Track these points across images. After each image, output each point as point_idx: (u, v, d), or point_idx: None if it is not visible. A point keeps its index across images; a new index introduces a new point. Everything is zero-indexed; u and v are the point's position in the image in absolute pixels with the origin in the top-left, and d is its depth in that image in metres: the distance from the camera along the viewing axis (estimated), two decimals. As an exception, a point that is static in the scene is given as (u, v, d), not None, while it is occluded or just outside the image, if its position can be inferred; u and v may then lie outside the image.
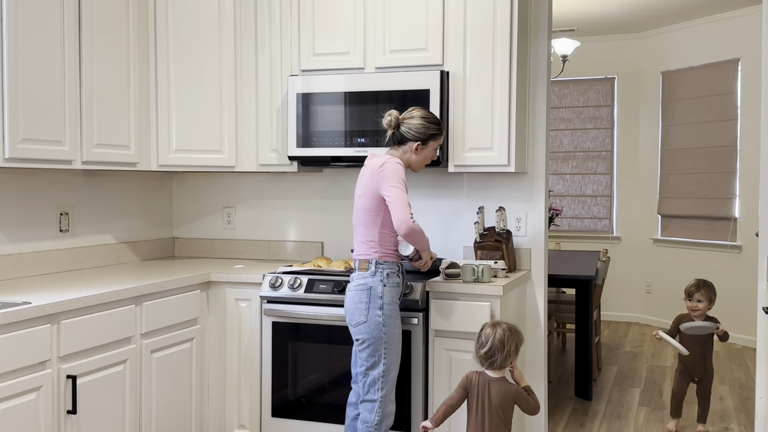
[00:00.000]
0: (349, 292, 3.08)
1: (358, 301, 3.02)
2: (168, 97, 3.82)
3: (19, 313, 2.56)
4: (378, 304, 3.00)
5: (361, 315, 3.01)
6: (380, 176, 2.97)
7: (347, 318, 3.07)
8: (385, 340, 3.01)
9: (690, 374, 4.19)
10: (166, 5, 3.80)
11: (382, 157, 3.06)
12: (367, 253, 3.05)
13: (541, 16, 3.78)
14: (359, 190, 3.08)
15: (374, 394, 3.02)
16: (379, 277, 3.02)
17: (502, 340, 2.94)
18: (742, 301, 6.80)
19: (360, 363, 3.05)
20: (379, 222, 3.04)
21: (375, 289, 3.01)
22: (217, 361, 3.67)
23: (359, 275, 3.06)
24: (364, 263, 3.05)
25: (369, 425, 3.02)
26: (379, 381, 3.02)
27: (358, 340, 3.03)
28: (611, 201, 8.05)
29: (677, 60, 7.45)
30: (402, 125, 3.08)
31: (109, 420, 3.01)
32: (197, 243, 4.40)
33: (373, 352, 3.01)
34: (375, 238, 3.04)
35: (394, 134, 3.11)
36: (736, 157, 6.87)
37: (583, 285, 4.99)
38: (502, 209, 3.65)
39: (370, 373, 3.02)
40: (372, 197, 3.02)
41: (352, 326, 3.05)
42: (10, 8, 2.94)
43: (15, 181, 3.40)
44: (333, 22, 3.71)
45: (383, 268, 3.03)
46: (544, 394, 3.85)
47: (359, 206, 3.07)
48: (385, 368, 3.02)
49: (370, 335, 3.00)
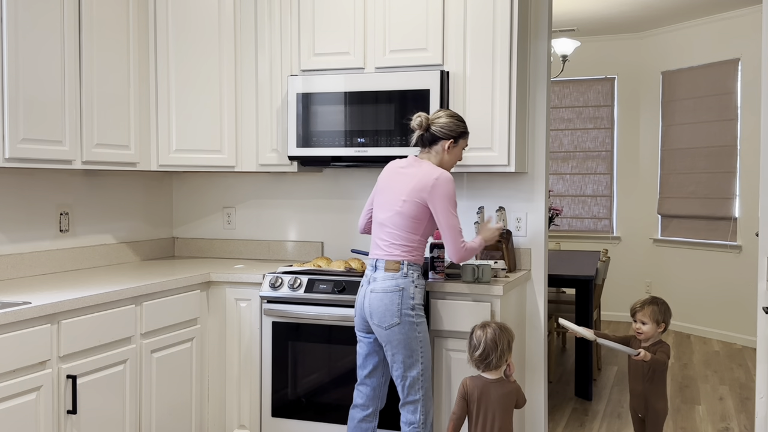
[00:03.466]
0: (374, 294, 3.01)
1: (390, 303, 2.98)
2: (168, 97, 3.82)
3: (19, 313, 2.56)
4: (410, 305, 3.00)
5: (393, 317, 2.98)
6: (434, 192, 2.98)
7: (374, 320, 3.01)
8: (420, 339, 3.02)
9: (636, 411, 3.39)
10: (166, 5, 3.80)
11: (428, 165, 3.04)
12: (400, 255, 3.02)
13: (541, 16, 3.78)
14: (402, 194, 3.02)
15: (415, 395, 3.02)
16: (410, 278, 3.02)
17: (494, 339, 2.93)
18: (742, 301, 6.80)
19: (396, 367, 3.01)
20: (420, 230, 3.04)
21: (407, 290, 3.00)
22: (217, 361, 3.67)
23: (387, 276, 3.01)
24: (394, 264, 3.01)
25: (416, 426, 3.02)
26: (419, 381, 3.02)
27: (392, 342, 2.99)
28: (611, 201, 8.05)
29: (677, 60, 7.45)
30: (432, 126, 3.08)
31: (109, 420, 3.01)
32: (197, 243, 4.40)
33: (410, 353, 3.00)
34: (413, 244, 3.04)
35: (422, 136, 3.10)
36: (736, 157, 6.87)
37: (583, 285, 4.99)
38: (502, 209, 3.65)
39: (408, 375, 3.01)
40: (419, 207, 3.01)
41: (383, 328, 2.99)
42: (10, 8, 2.94)
43: (15, 181, 3.40)
44: (333, 22, 3.71)
45: (413, 270, 3.03)
46: (544, 394, 3.85)
47: (401, 210, 3.02)
48: (423, 367, 3.03)
49: (406, 336, 2.99)
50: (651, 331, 3.29)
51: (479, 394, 2.94)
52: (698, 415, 4.66)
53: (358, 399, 3.17)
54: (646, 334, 3.30)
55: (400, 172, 3.10)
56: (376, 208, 3.14)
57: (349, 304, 3.39)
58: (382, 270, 3.03)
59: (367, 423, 3.15)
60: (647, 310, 3.29)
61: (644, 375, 3.30)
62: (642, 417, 3.36)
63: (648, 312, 3.28)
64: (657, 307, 3.29)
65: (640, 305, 3.32)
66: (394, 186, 3.08)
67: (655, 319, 3.28)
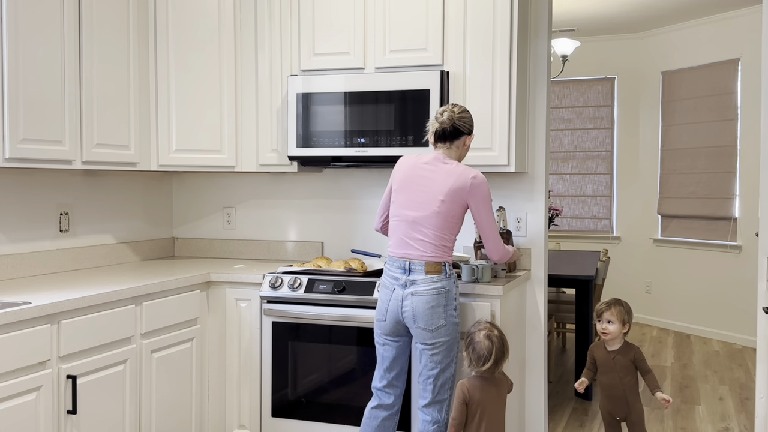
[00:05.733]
0: (417, 297, 2.96)
1: (436, 305, 2.96)
2: (168, 97, 3.82)
3: (19, 313, 2.56)
4: (453, 306, 3.01)
5: (440, 319, 2.97)
6: (474, 192, 2.99)
7: (419, 323, 2.97)
8: (458, 339, 3.05)
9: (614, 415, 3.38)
10: (166, 5, 3.80)
11: (457, 164, 3.03)
12: (440, 256, 3.00)
13: (541, 16, 3.78)
14: (440, 194, 2.98)
15: (444, 394, 3.04)
16: (452, 279, 3.03)
17: (501, 340, 2.96)
18: (742, 301, 6.80)
19: (431, 366, 3.00)
20: (457, 229, 3.05)
21: (451, 292, 3.01)
22: (217, 361, 3.67)
23: (431, 278, 2.97)
24: (436, 266, 2.98)
25: (440, 425, 3.03)
26: (450, 380, 3.04)
27: (436, 343, 2.98)
28: (611, 201, 8.05)
29: (677, 60, 7.45)
30: (456, 120, 3.05)
31: (109, 420, 3.01)
32: (197, 243, 4.40)
33: (449, 353, 3.01)
34: (450, 243, 3.03)
35: (445, 131, 3.05)
36: (736, 157, 6.87)
37: (583, 285, 4.99)
38: (502, 209, 3.65)
39: (442, 375, 3.01)
40: (459, 206, 3.01)
41: (429, 331, 2.96)
42: (10, 8, 2.94)
43: (15, 181, 3.40)
44: (333, 22, 3.71)
45: (452, 271, 3.05)
46: (544, 394, 3.85)
47: (440, 210, 2.98)
48: (455, 367, 3.05)
49: (451, 337, 3.00)
50: (617, 331, 3.33)
51: (481, 395, 2.95)
52: (698, 415, 4.66)
53: (386, 399, 3.15)
54: (612, 334, 3.33)
55: (428, 169, 3.04)
56: (403, 207, 3.06)
57: (350, 304, 3.39)
58: (422, 272, 2.98)
59: (391, 421, 3.17)
60: (614, 310, 3.34)
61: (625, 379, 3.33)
62: (620, 419, 3.38)
63: (615, 312, 3.33)
64: (623, 307, 3.36)
65: (606, 305, 3.37)
66: (426, 184, 3.02)
67: (622, 319, 3.33)
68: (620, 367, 3.32)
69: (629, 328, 3.36)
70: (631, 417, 3.33)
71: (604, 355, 3.36)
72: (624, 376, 3.32)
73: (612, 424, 3.40)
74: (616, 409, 3.36)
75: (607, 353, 3.35)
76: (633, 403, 3.33)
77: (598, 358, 3.39)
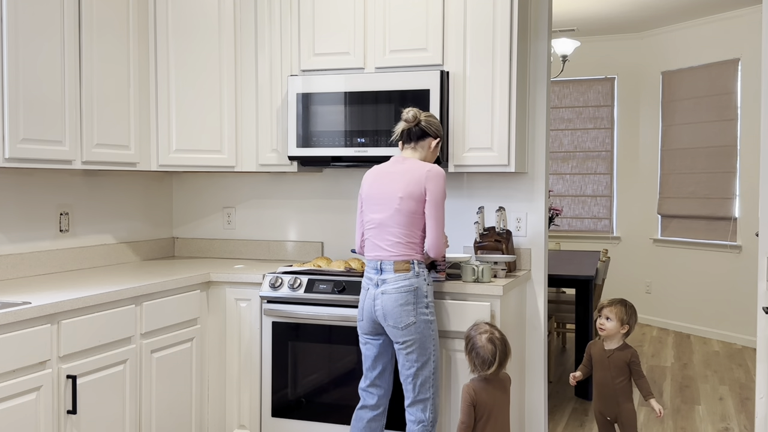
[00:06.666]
0: (386, 295, 2.99)
1: (405, 303, 2.97)
2: (168, 97, 3.82)
3: (19, 313, 2.56)
4: (424, 303, 3.00)
5: (409, 316, 2.97)
6: (428, 182, 2.99)
7: (389, 321, 2.99)
8: (433, 337, 3.03)
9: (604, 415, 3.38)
10: (166, 5, 3.80)
11: (415, 161, 3.05)
12: (408, 254, 3.01)
13: (541, 16, 3.78)
14: (398, 191, 3.01)
15: (426, 393, 3.03)
16: (422, 276, 3.02)
17: (503, 341, 2.96)
18: (742, 301, 6.80)
19: (408, 366, 3.01)
20: (421, 225, 3.04)
21: (421, 290, 3.00)
22: (217, 361, 3.67)
23: (400, 276, 2.99)
24: (404, 264, 3.00)
25: (425, 424, 3.02)
26: (430, 379, 3.03)
27: (407, 342, 2.98)
28: (611, 201, 8.05)
29: (677, 60, 7.45)
30: (422, 121, 3.09)
31: (109, 420, 3.01)
32: (197, 243, 4.40)
33: (423, 351, 3.00)
34: (416, 240, 3.03)
35: (410, 130, 3.10)
36: (736, 157, 6.87)
37: (583, 285, 4.99)
38: (502, 209, 3.65)
39: (420, 374, 3.01)
40: (418, 200, 3.01)
41: (399, 329, 2.98)
42: (10, 8, 2.94)
43: (15, 181, 3.40)
44: (333, 22, 3.71)
45: (423, 268, 3.03)
46: (544, 394, 3.85)
47: (400, 207, 3.01)
48: (435, 366, 3.04)
49: (421, 335, 2.99)
50: (614, 329, 3.33)
51: (487, 396, 2.95)
52: (698, 415, 4.66)
53: (369, 400, 3.15)
54: (608, 331, 3.33)
55: (389, 172, 3.08)
56: (370, 212, 3.10)
57: (350, 304, 3.39)
58: (391, 271, 3.01)
59: (377, 422, 3.16)
60: (614, 308, 3.35)
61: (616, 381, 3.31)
62: (611, 420, 3.37)
63: (615, 310, 3.34)
64: (625, 308, 3.35)
65: (609, 302, 3.39)
66: (387, 186, 3.06)
67: (620, 318, 3.33)
68: (613, 367, 3.32)
69: (629, 329, 3.34)
70: (621, 418, 3.32)
71: (600, 352, 3.37)
72: (616, 376, 3.31)
73: (604, 424, 3.40)
74: (606, 409, 3.36)
75: (603, 351, 3.36)
76: (623, 404, 3.32)
77: (594, 354, 3.39)
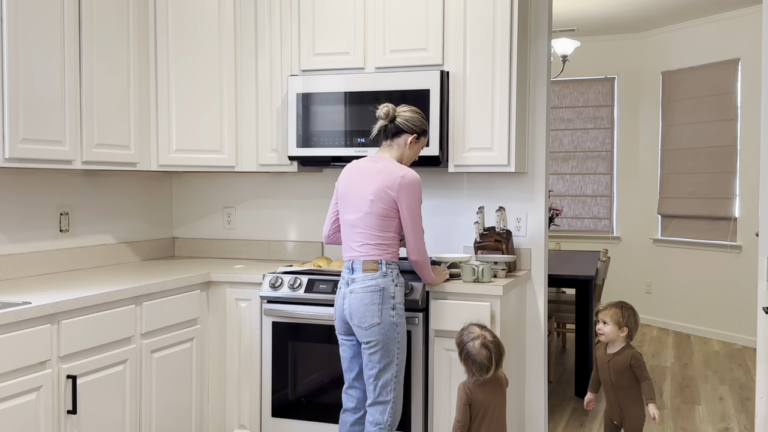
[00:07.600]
0: (354, 294, 2.99)
1: (370, 303, 2.96)
2: (168, 97, 3.82)
3: (19, 313, 2.56)
4: (391, 305, 2.98)
5: (374, 317, 2.96)
6: (402, 190, 2.96)
7: (354, 320, 2.99)
8: (398, 340, 3.00)
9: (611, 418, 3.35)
10: (166, 5, 3.80)
11: (390, 162, 3.02)
12: (376, 254, 2.99)
13: (541, 16, 3.78)
14: (369, 194, 2.99)
15: (387, 396, 3.00)
16: (390, 277, 3.00)
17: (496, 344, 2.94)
18: (742, 301, 6.80)
19: (371, 366, 2.99)
20: (393, 227, 3.02)
21: (387, 290, 2.98)
22: (217, 361, 3.67)
23: (367, 276, 2.98)
24: (372, 264, 2.99)
25: (381, 427, 3.00)
26: (392, 382, 3.00)
27: (371, 342, 2.97)
28: (611, 201, 8.05)
29: (677, 60, 7.45)
30: (398, 117, 3.06)
31: (109, 420, 3.01)
32: (197, 243, 4.40)
33: (387, 353, 2.98)
34: (387, 241, 3.01)
35: (386, 128, 3.07)
36: (736, 157, 6.87)
37: (583, 285, 4.99)
38: (502, 209, 3.65)
39: (383, 376, 2.99)
40: (389, 205, 2.98)
41: (363, 329, 2.97)
42: (10, 8, 2.94)
43: (15, 181, 3.40)
44: (333, 22, 3.71)
45: (392, 269, 3.01)
46: (544, 394, 3.85)
47: (371, 210, 2.99)
48: (398, 369, 3.01)
49: (385, 336, 2.97)
50: (612, 333, 3.26)
51: (483, 395, 2.94)
52: (698, 415, 4.66)
53: (349, 403, 3.15)
54: (607, 336, 3.27)
55: (362, 171, 3.06)
56: (343, 211, 3.10)
57: (349, 304, 3.39)
58: (360, 271, 3.00)
59: (359, 426, 3.15)
60: (609, 311, 3.26)
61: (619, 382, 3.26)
62: (617, 424, 3.32)
63: (610, 313, 3.26)
64: (621, 310, 3.26)
65: (604, 306, 3.31)
66: (359, 186, 3.04)
67: (617, 321, 3.24)
68: (614, 371, 3.27)
69: (628, 331, 3.27)
70: (625, 423, 3.28)
71: (602, 355, 3.34)
72: (617, 380, 3.25)
73: (611, 427, 3.37)
74: (611, 412, 3.34)
75: (605, 354, 3.32)
76: (628, 409, 3.25)
77: (598, 357, 3.38)
